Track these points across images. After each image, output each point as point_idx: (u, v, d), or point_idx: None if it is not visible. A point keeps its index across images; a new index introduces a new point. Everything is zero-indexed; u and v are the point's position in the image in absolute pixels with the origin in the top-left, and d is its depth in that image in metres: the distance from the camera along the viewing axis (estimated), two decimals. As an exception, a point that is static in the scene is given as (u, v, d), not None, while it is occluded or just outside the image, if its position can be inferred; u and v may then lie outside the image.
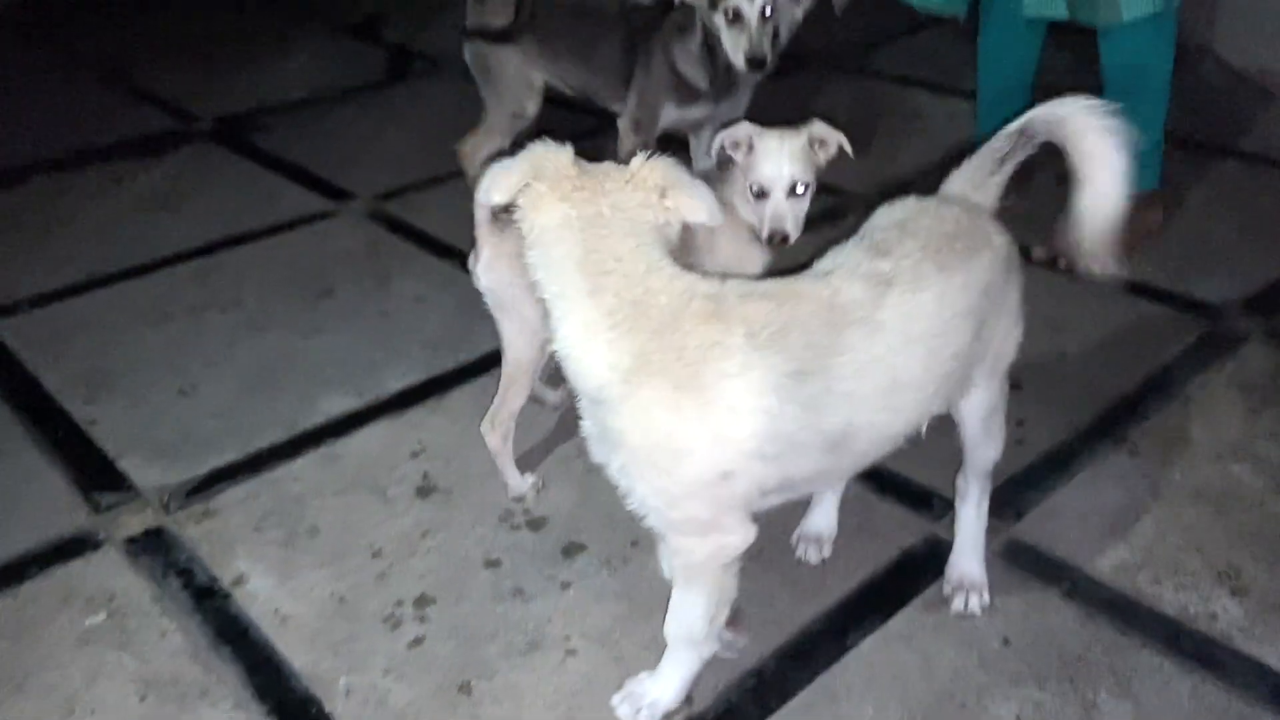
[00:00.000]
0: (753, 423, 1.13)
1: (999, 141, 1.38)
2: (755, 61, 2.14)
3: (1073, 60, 3.14)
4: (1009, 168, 1.41)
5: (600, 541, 1.63)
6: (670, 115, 2.35)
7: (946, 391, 1.29)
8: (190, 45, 4.13)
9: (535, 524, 1.68)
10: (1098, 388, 1.93)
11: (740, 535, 1.23)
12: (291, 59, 3.94)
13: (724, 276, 1.21)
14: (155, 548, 1.64)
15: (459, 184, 2.54)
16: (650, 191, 1.17)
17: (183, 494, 1.76)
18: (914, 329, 1.19)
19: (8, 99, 3.62)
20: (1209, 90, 3.23)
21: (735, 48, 2.15)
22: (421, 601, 1.54)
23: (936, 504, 1.68)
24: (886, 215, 1.32)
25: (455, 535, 1.66)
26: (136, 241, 2.59)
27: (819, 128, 1.56)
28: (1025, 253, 2.35)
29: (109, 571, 1.61)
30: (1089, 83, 3.28)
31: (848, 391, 1.17)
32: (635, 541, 1.63)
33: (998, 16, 2.42)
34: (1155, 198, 2.42)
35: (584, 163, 1.18)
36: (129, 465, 1.83)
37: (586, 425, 1.23)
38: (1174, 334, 2.09)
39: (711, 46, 2.22)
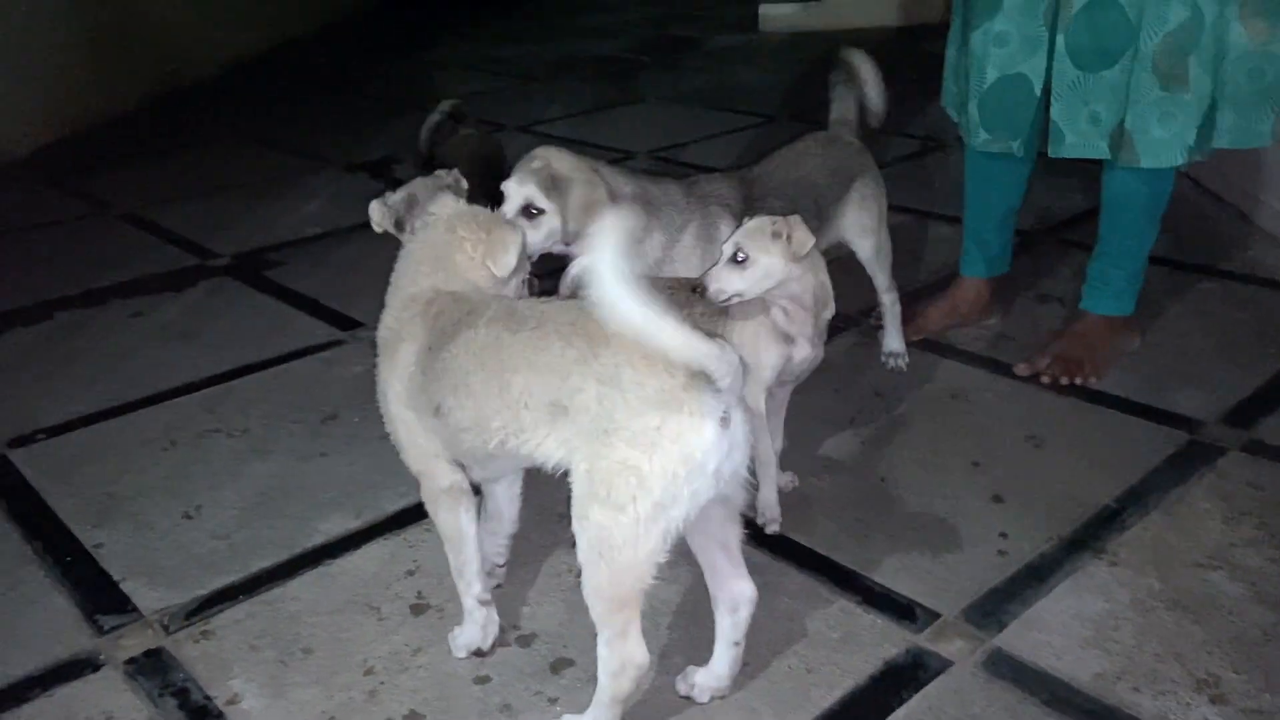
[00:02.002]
0: (406, 377, 1.55)
1: None
2: None
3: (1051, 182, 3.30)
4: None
5: (588, 657, 1.65)
6: None
7: (513, 434, 1.44)
8: (211, 188, 4.35)
9: (524, 640, 1.71)
10: (1078, 499, 1.98)
11: (440, 476, 1.62)
12: (307, 198, 4.14)
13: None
14: (153, 669, 1.68)
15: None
16: (479, 230, 1.62)
17: (183, 615, 1.80)
18: (487, 358, 1.46)
19: (34, 238, 3.82)
20: (1188, 212, 3.36)
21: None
22: (411, 718, 1.56)
23: (919, 615, 1.70)
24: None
25: (446, 652, 1.69)
26: (151, 372, 2.70)
27: (788, 220, 1.74)
28: (1007, 369, 2.46)
29: (108, 693, 1.64)
30: (1065, 203, 3.42)
31: (440, 370, 1.50)
32: (622, 656, 1.65)
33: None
34: (1131, 323, 2.50)
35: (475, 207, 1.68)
36: (132, 588, 1.88)
37: None
38: (1153, 446, 2.14)
39: None
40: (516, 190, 1.95)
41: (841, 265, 2.53)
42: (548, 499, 2.07)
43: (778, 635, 1.68)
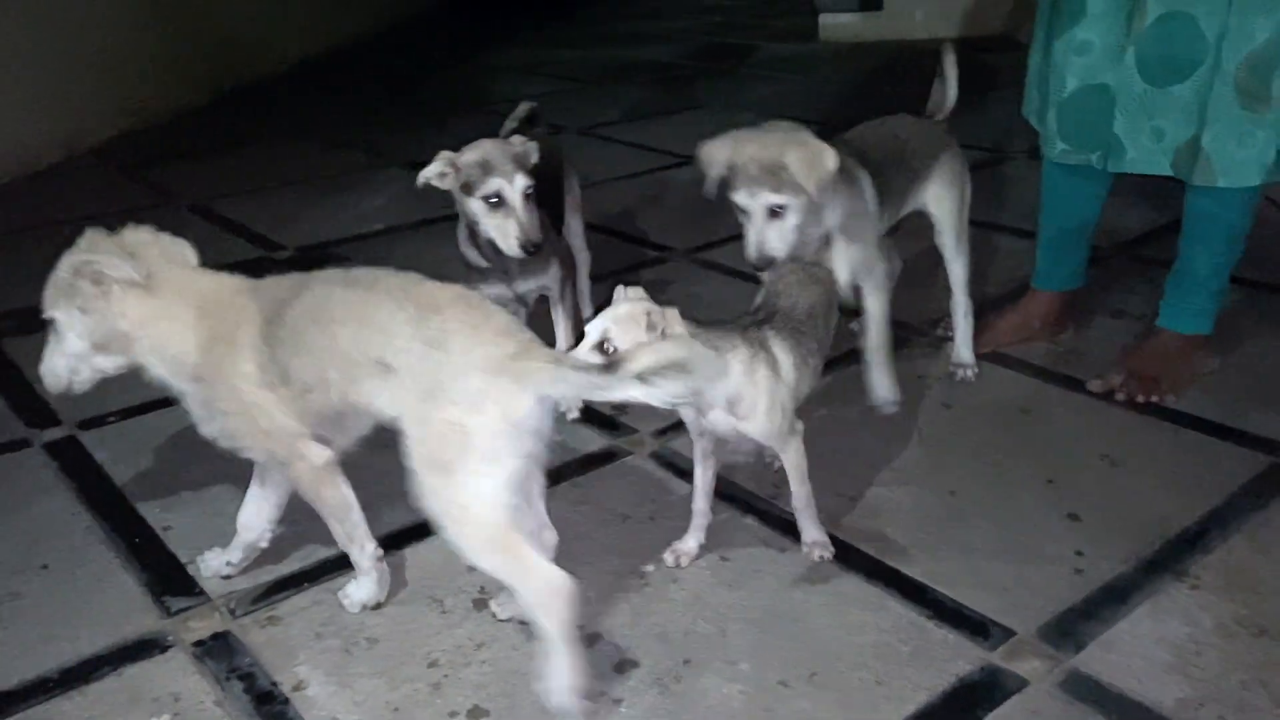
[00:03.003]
0: (253, 356, 1.60)
1: None
2: (530, 247, 2.01)
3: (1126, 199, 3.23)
4: None
5: (652, 659, 1.64)
6: (488, 293, 2.17)
7: (350, 384, 1.55)
8: (275, 183, 4.41)
9: (588, 639, 1.69)
10: (1157, 520, 1.92)
11: (313, 455, 1.67)
12: (370, 194, 4.18)
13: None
14: (220, 652, 1.69)
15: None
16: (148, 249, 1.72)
17: (249, 600, 1.81)
18: (320, 313, 1.56)
19: (107, 226, 3.89)
20: (1266, 231, 3.26)
21: (503, 234, 2.01)
22: (475, 713, 1.55)
23: (993, 632, 1.66)
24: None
25: (509, 648, 1.68)
26: (218, 360, 2.72)
27: (664, 313, 1.56)
28: (1079, 385, 2.40)
29: (175, 674, 1.65)
30: (1137, 220, 3.35)
31: (283, 336, 1.58)
32: (688, 660, 1.63)
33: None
34: (1209, 343, 2.43)
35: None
36: (197, 569, 1.89)
37: (188, 406, 1.71)
38: (1234, 468, 2.07)
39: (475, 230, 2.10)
40: (753, 201, 1.92)
41: (903, 279, 2.50)
42: (611, 499, 2.06)
43: (847, 646, 1.64)
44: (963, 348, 2.48)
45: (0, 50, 4.38)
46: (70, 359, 1.71)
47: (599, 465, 2.18)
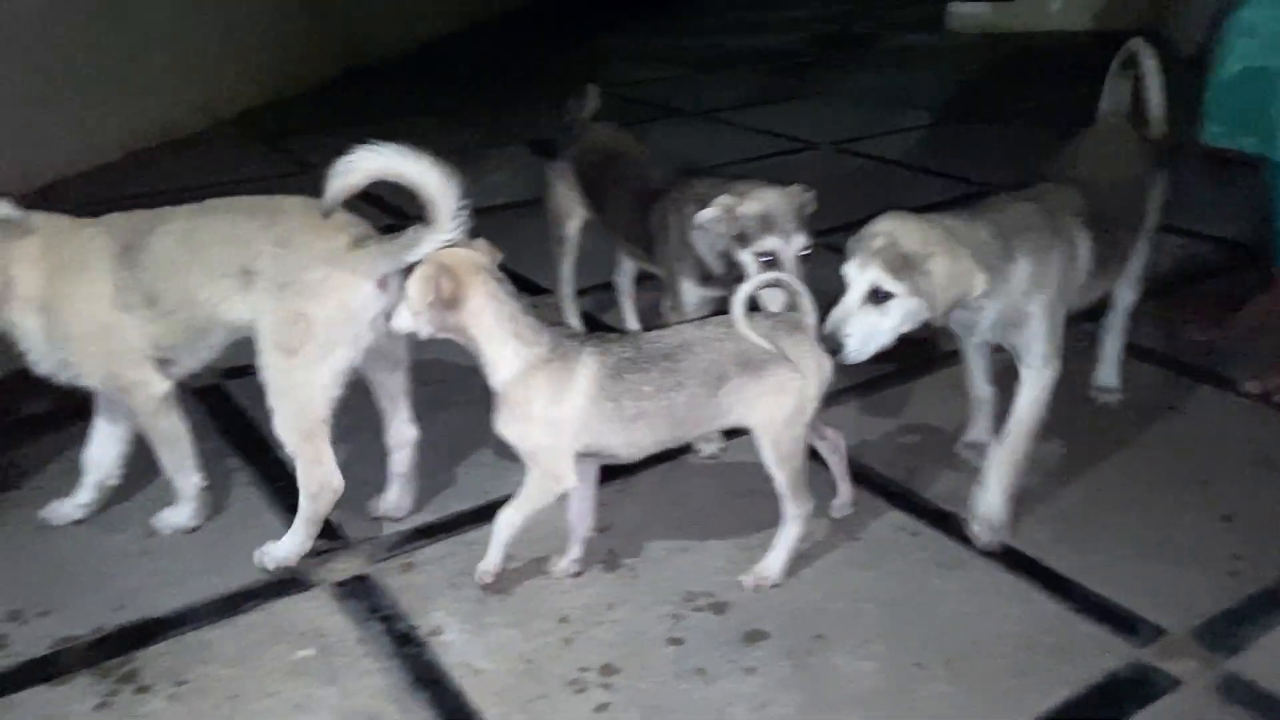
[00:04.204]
0: (108, 277, 1.70)
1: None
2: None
3: None
4: None
5: (783, 632, 1.63)
6: (693, 294, 2.13)
7: (219, 301, 1.70)
8: (404, 154, 4.51)
9: (718, 607, 1.69)
10: (1319, 528, 1.82)
11: (156, 386, 1.77)
12: (492, 170, 4.24)
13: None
14: (361, 593, 1.74)
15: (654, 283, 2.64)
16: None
17: (386, 546, 1.86)
18: (189, 238, 1.71)
19: (245, 191, 4.04)
20: None
21: (770, 295, 1.86)
22: (606, 670, 1.56)
23: (1142, 629, 1.60)
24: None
25: (638, 610, 1.69)
26: (352, 320, 2.80)
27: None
28: (1231, 385, 2.29)
29: (319, 611, 1.71)
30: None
31: (148, 262, 1.70)
32: (820, 635, 1.61)
33: None
34: None
35: None
36: (339, 516, 1.94)
37: (28, 346, 1.77)
38: (1404, 480, 1.95)
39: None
40: (859, 275, 1.60)
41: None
42: (737, 474, 2.05)
43: (986, 634, 1.60)
44: (1109, 366, 2.27)
45: (146, 23, 4.59)
46: None
47: (726, 439, 2.17)
